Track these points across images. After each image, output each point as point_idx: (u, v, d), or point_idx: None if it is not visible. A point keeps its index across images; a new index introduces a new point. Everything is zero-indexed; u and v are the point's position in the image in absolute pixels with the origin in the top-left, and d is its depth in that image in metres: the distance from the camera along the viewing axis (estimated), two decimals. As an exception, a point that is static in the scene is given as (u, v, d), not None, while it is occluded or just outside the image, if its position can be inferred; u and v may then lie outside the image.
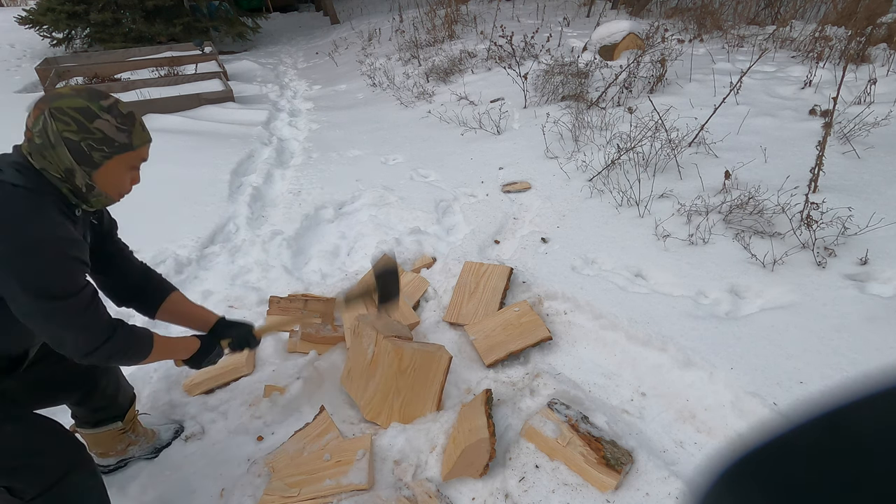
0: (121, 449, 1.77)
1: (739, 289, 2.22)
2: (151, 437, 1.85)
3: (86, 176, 1.17)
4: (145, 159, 1.27)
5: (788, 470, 0.27)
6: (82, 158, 1.15)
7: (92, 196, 1.22)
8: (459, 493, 1.62)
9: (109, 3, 8.30)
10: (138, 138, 1.22)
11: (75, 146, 1.13)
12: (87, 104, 1.14)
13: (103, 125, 1.15)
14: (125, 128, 1.18)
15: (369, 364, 1.91)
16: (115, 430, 1.73)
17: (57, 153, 1.13)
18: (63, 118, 1.12)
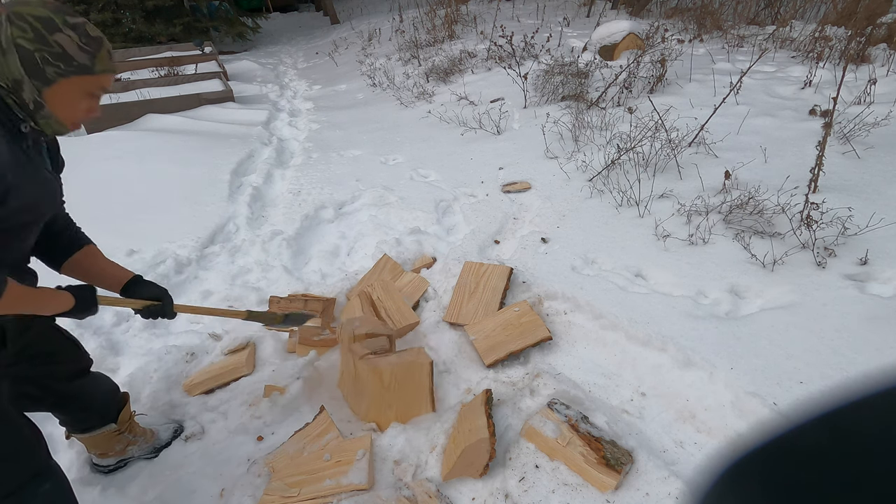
0: (119, 449, 1.76)
1: (739, 289, 2.22)
2: (150, 437, 1.84)
3: (35, 91, 1.07)
4: (106, 89, 1.18)
5: (788, 470, 0.27)
6: (34, 71, 1.06)
7: (40, 116, 1.11)
8: (459, 493, 1.62)
9: (109, 3, 8.30)
10: (101, 64, 1.12)
11: (28, 56, 1.04)
12: (51, 15, 1.06)
13: (64, 40, 1.06)
14: (89, 49, 1.09)
15: (355, 381, 1.91)
16: (110, 431, 1.70)
17: (7, 60, 1.04)
18: (21, 24, 1.03)
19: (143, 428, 1.83)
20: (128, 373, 2.15)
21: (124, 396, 1.77)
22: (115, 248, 2.87)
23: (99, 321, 2.43)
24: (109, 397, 1.69)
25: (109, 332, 2.39)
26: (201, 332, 2.41)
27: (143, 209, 3.31)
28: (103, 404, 1.67)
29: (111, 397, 1.70)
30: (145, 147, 4.24)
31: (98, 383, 1.66)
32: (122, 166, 3.88)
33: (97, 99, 1.18)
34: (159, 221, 3.18)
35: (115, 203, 3.38)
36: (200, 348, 2.31)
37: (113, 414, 1.71)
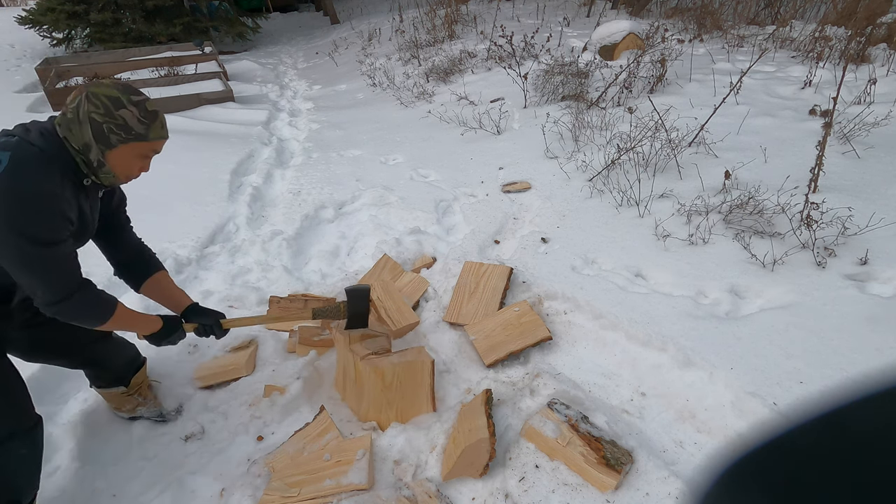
0: (129, 408, 1.95)
1: (739, 289, 2.22)
2: (158, 404, 2.00)
3: (99, 153, 1.33)
4: (157, 152, 1.43)
5: (788, 470, 0.27)
6: (100, 138, 1.31)
7: (101, 172, 1.37)
8: (459, 493, 1.62)
9: (109, 3, 8.30)
10: (155, 133, 1.37)
11: (98, 126, 1.30)
12: (119, 95, 1.31)
13: (127, 115, 1.31)
14: (146, 121, 1.35)
15: (355, 382, 1.91)
16: (119, 392, 1.90)
17: (81, 129, 1.30)
18: (95, 102, 1.30)
19: (153, 394, 2.01)
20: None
21: (142, 361, 1.98)
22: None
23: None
24: (127, 364, 1.91)
25: (109, 332, 2.39)
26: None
27: (142, 209, 3.29)
28: (119, 369, 1.88)
29: (129, 364, 1.92)
30: (145, 147, 4.23)
31: (119, 350, 1.89)
32: (122, 166, 3.87)
33: (149, 159, 1.45)
34: (159, 221, 3.18)
35: (115, 203, 3.37)
36: (202, 342, 2.32)
37: (127, 378, 1.90)
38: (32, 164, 1.25)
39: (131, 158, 1.38)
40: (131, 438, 1.93)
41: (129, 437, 1.93)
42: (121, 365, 1.89)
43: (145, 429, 1.96)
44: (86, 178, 1.38)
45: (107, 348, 1.83)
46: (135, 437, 1.93)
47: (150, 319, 1.63)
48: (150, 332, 1.64)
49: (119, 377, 1.89)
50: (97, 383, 1.91)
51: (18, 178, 1.21)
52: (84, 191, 1.40)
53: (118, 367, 1.88)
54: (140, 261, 1.75)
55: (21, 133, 1.30)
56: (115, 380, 1.88)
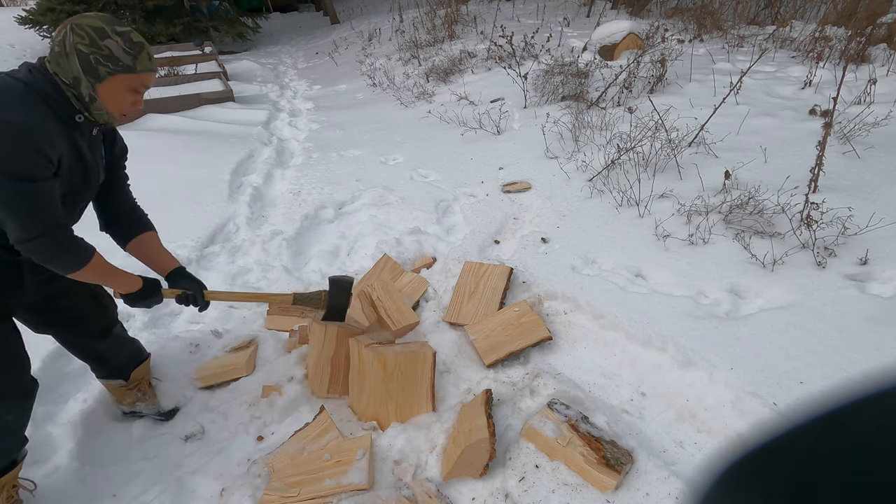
0: (129, 402, 1.97)
1: (739, 289, 2.22)
2: (157, 402, 2.01)
3: (90, 87, 1.32)
4: (147, 86, 1.41)
5: (788, 470, 0.27)
6: (88, 70, 1.30)
7: (94, 108, 1.35)
8: (459, 493, 1.62)
9: (109, 3, 8.30)
10: (142, 64, 1.35)
11: (84, 58, 1.29)
12: (103, 25, 1.30)
13: (112, 45, 1.30)
14: (131, 52, 1.33)
15: (357, 372, 1.91)
16: (118, 385, 1.93)
17: (69, 61, 1.29)
18: (80, 32, 1.29)
19: (152, 391, 2.02)
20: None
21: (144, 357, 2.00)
22: (116, 248, 2.86)
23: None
24: (128, 359, 1.93)
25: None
26: (203, 329, 2.41)
27: (143, 208, 3.30)
28: (119, 364, 1.91)
29: (130, 359, 1.94)
30: (145, 147, 4.24)
31: (123, 345, 1.91)
32: (122, 166, 3.87)
33: (140, 94, 1.41)
34: (159, 221, 3.13)
35: (115, 203, 3.37)
36: (203, 342, 2.32)
37: (126, 372, 1.93)
38: (11, 98, 1.24)
39: (122, 92, 1.36)
40: (131, 438, 1.93)
41: (129, 437, 1.93)
42: (121, 360, 1.91)
43: (145, 429, 1.96)
44: (78, 114, 1.36)
45: (111, 342, 1.84)
46: (135, 437, 1.93)
47: (131, 277, 1.57)
48: (127, 291, 1.58)
49: (118, 371, 1.91)
50: (96, 374, 1.93)
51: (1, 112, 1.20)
52: (78, 129, 1.38)
53: (117, 361, 1.90)
54: (132, 218, 1.72)
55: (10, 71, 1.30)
56: (114, 372, 1.91)
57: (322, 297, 1.92)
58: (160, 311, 2.57)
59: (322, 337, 1.97)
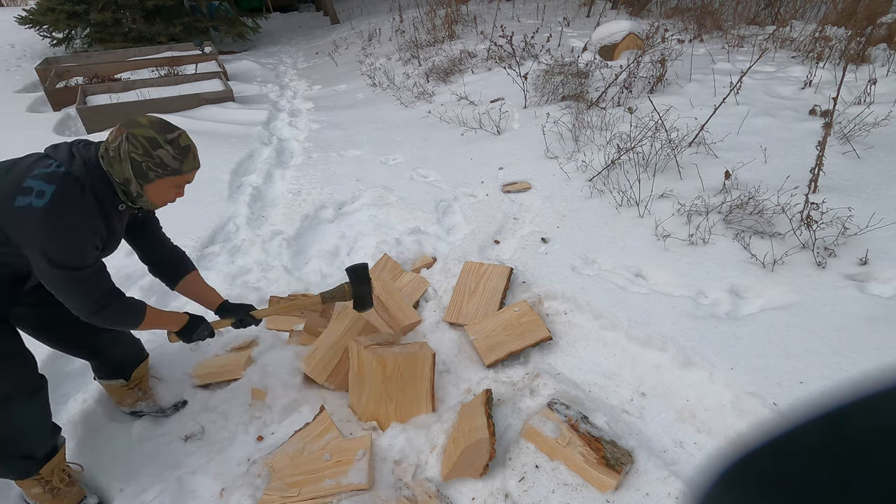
0: (130, 402, 2.01)
1: (739, 289, 2.22)
2: (157, 400, 2.03)
3: (139, 187, 1.46)
4: (190, 181, 1.57)
5: (788, 470, 0.27)
6: (139, 174, 1.43)
7: (140, 201, 1.51)
8: (459, 493, 1.62)
9: (109, 3, 8.29)
10: (188, 166, 1.50)
11: (137, 165, 1.42)
12: (156, 136, 1.42)
13: (163, 154, 1.43)
14: (179, 157, 1.46)
15: (357, 373, 1.91)
16: (119, 385, 1.97)
17: (122, 166, 1.42)
18: (134, 143, 1.40)
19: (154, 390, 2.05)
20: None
21: (144, 356, 2.04)
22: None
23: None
24: (129, 360, 1.98)
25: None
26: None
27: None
28: (120, 363, 1.95)
29: (131, 360, 1.98)
30: (145, 147, 4.23)
31: (125, 345, 1.96)
32: (122, 166, 3.87)
33: (182, 188, 1.57)
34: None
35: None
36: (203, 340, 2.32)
37: (127, 371, 1.97)
38: (74, 200, 1.37)
39: (168, 189, 1.51)
40: (131, 438, 1.93)
41: (129, 437, 1.93)
42: (123, 358, 1.95)
43: (145, 429, 1.96)
44: (122, 203, 1.51)
45: (111, 341, 1.87)
46: (135, 436, 1.93)
47: (178, 316, 1.74)
48: (178, 328, 1.74)
49: (119, 370, 1.94)
50: (98, 374, 1.96)
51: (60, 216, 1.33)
52: (118, 212, 1.54)
53: (120, 361, 1.94)
54: (174, 261, 1.87)
55: (65, 162, 1.40)
56: (115, 372, 1.94)
57: (346, 288, 1.97)
58: (160, 311, 2.57)
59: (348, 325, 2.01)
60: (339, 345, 2.02)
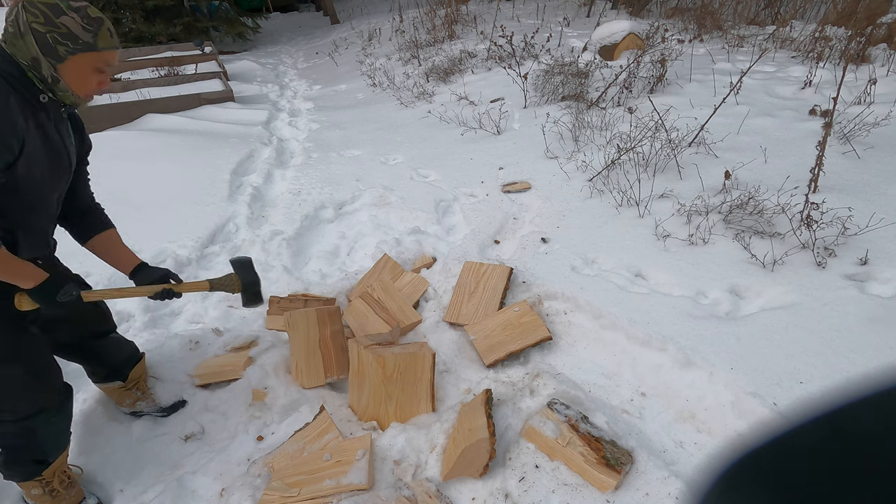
0: (129, 403, 1.98)
1: (739, 289, 2.22)
2: (155, 399, 2.01)
3: (51, 67, 1.27)
4: (111, 65, 1.36)
5: (788, 470, 0.27)
6: (47, 50, 1.25)
7: (58, 89, 1.31)
8: (459, 493, 1.62)
9: (109, 3, 8.29)
10: (103, 41, 1.30)
11: (41, 37, 1.24)
12: (58, 2, 1.25)
13: (69, 21, 1.25)
14: (91, 28, 1.28)
15: (357, 373, 1.91)
16: (117, 387, 1.94)
17: (25, 41, 1.24)
18: (33, 10, 1.23)
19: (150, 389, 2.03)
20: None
21: (140, 356, 2.01)
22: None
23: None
24: (125, 361, 1.94)
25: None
26: (204, 328, 2.40)
27: (143, 209, 3.31)
28: (117, 365, 1.92)
29: (127, 362, 1.95)
30: (145, 147, 4.24)
31: (119, 348, 1.92)
32: (122, 166, 3.88)
33: (105, 74, 1.36)
34: (159, 221, 3.18)
35: (114, 203, 3.36)
36: (203, 339, 2.32)
37: (124, 374, 1.94)
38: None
39: (85, 72, 1.31)
40: (131, 438, 1.93)
41: (129, 437, 1.93)
42: (117, 360, 1.92)
43: (145, 429, 1.96)
44: (42, 94, 1.31)
45: (105, 344, 1.86)
46: (135, 436, 1.93)
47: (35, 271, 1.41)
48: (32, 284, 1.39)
49: (115, 371, 1.92)
50: (94, 378, 1.94)
51: None
52: (44, 110, 1.33)
53: (114, 362, 1.91)
54: (93, 214, 1.69)
55: None
56: (111, 374, 1.92)
57: (233, 279, 1.81)
58: (160, 310, 2.57)
59: (305, 324, 2.00)
60: (312, 346, 2.03)
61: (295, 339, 2.05)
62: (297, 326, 2.02)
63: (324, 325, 2.05)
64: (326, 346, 2.04)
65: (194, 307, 2.57)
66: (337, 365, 2.06)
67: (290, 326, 2.06)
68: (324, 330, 2.04)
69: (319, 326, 2.02)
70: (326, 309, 2.08)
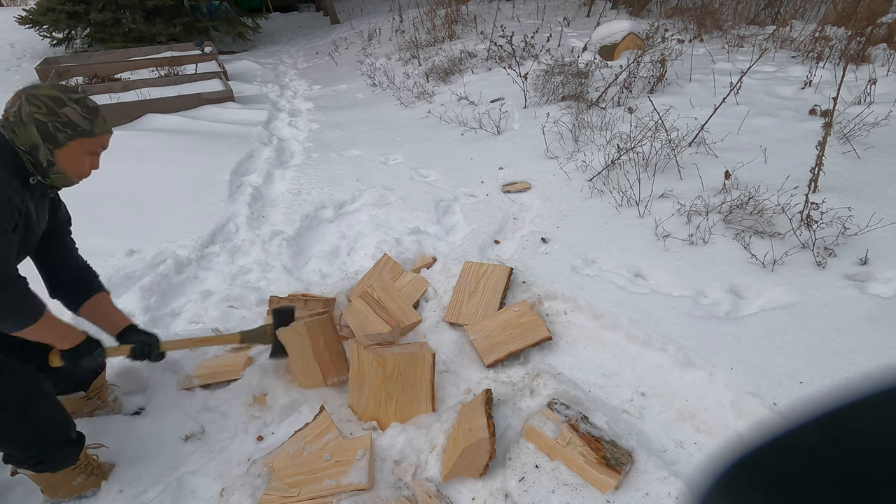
0: (88, 412, 1.96)
1: (739, 289, 2.22)
2: (116, 406, 2.01)
3: (48, 153, 1.37)
4: (105, 147, 1.47)
5: (788, 470, 0.27)
6: (47, 137, 1.35)
7: (52, 172, 1.40)
8: (459, 493, 1.62)
9: (109, 3, 8.29)
10: (99, 127, 1.42)
11: (43, 126, 1.34)
12: (59, 94, 1.36)
13: (70, 112, 1.36)
14: (89, 117, 1.39)
15: (357, 373, 1.91)
16: (79, 397, 1.91)
17: (26, 130, 1.34)
18: (36, 102, 1.34)
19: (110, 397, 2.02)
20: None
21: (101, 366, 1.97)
22: (115, 249, 2.87)
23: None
24: (89, 372, 1.91)
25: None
26: (204, 329, 2.40)
27: (143, 209, 3.31)
28: (83, 377, 1.89)
29: (91, 372, 1.92)
30: (145, 147, 4.24)
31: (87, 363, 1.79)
32: (122, 166, 3.88)
33: (97, 156, 1.47)
34: (159, 221, 3.18)
35: (115, 203, 3.38)
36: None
37: (87, 382, 1.92)
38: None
39: (80, 155, 1.41)
40: (131, 438, 1.93)
41: (129, 438, 1.93)
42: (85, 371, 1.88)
43: (145, 428, 1.96)
44: (31, 176, 1.40)
45: None
46: (134, 436, 1.93)
47: (74, 332, 1.55)
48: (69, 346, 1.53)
49: (80, 382, 1.90)
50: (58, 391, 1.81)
51: None
52: (30, 190, 1.41)
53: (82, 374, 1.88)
54: (84, 279, 1.71)
55: None
56: (76, 386, 1.89)
57: (268, 330, 1.92)
58: (160, 311, 2.57)
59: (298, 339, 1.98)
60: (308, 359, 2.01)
61: (294, 357, 2.03)
62: (290, 343, 2.01)
63: (315, 337, 2.00)
64: (322, 356, 2.02)
65: (194, 307, 2.57)
66: (335, 369, 2.05)
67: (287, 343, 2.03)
68: (316, 341, 2.00)
69: (311, 340, 1.99)
70: (316, 320, 2.03)
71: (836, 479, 0.26)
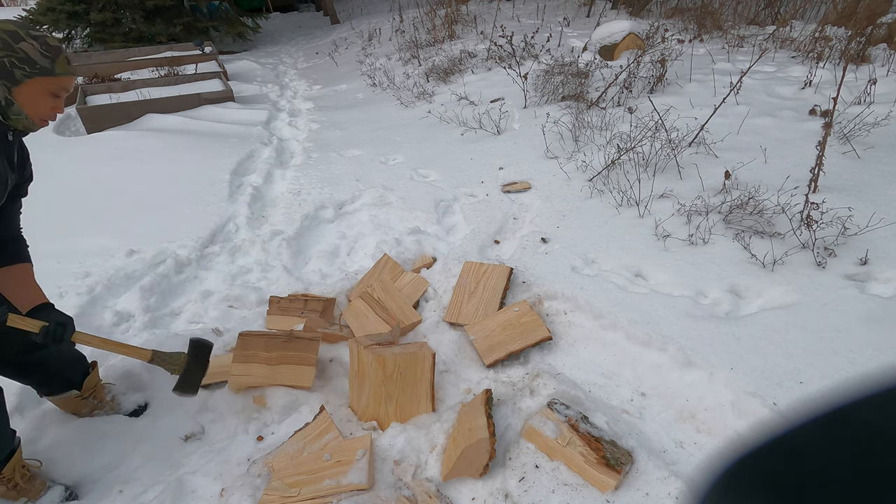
0: (87, 412, 1.93)
1: (739, 289, 2.22)
2: (114, 406, 1.99)
3: (5, 90, 1.30)
4: (67, 91, 1.39)
5: (788, 470, 0.27)
6: (3, 73, 1.28)
7: (11, 112, 1.33)
8: (459, 493, 1.62)
9: (109, 3, 8.29)
10: (60, 67, 1.33)
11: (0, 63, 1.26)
12: (17, 29, 1.29)
13: (27, 47, 1.28)
14: (49, 55, 1.31)
15: (357, 373, 1.91)
16: (73, 396, 1.87)
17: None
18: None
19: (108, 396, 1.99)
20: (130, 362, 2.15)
21: (92, 365, 1.94)
22: (115, 249, 2.87)
23: (99, 321, 2.43)
24: (72, 367, 1.86)
25: (110, 333, 2.39)
26: (204, 329, 2.40)
27: (143, 209, 3.31)
28: (65, 373, 1.84)
29: (74, 367, 1.87)
30: (145, 147, 4.24)
31: (59, 354, 1.79)
32: (122, 166, 3.88)
33: (61, 99, 1.39)
34: (159, 221, 3.18)
35: (115, 203, 3.38)
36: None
37: (77, 381, 1.87)
38: None
39: (40, 96, 1.34)
40: (131, 438, 1.93)
41: (129, 437, 1.93)
42: (67, 367, 1.84)
43: (145, 428, 1.96)
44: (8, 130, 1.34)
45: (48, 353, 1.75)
46: (135, 436, 1.93)
47: None
48: None
49: (68, 380, 1.85)
50: (47, 391, 1.85)
51: None
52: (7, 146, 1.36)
53: (65, 370, 1.83)
54: (13, 245, 1.60)
55: None
56: (66, 384, 1.85)
57: (182, 359, 1.78)
58: (160, 311, 2.57)
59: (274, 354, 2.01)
60: None
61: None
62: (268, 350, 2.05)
63: None
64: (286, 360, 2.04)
65: (194, 307, 2.57)
66: None
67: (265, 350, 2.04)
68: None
69: None
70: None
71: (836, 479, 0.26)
